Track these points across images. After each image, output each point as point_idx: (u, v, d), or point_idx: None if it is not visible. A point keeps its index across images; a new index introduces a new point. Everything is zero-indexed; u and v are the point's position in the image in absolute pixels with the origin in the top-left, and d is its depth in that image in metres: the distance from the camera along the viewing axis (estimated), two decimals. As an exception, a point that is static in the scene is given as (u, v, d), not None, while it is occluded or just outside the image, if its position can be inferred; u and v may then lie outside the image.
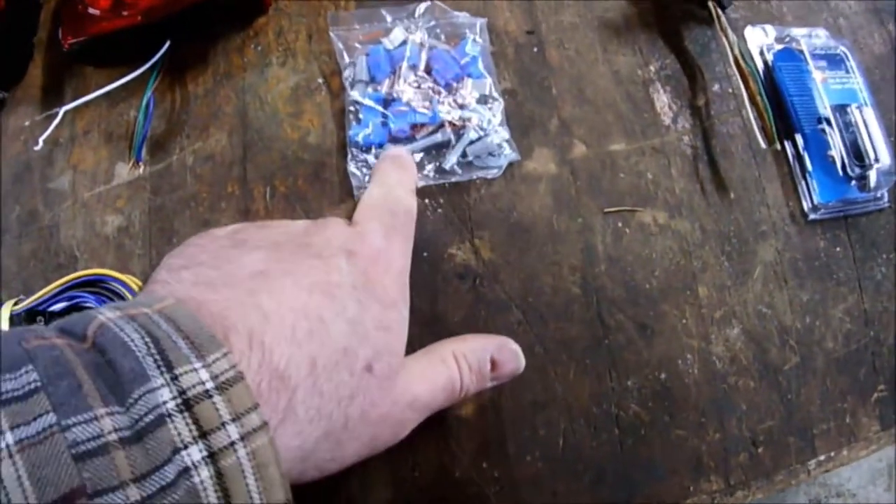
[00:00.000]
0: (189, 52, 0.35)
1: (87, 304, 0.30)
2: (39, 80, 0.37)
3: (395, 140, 0.33)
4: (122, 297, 0.30)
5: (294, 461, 0.17)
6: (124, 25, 0.33)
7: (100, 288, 0.31)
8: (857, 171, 0.36)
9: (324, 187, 0.33)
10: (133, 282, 0.30)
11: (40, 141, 0.33)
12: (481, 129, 0.33)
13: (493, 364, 0.24)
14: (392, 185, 0.25)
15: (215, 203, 0.33)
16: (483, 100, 0.34)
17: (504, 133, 0.33)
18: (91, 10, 0.34)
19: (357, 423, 0.19)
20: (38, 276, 0.33)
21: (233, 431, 0.14)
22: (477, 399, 0.30)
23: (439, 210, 0.32)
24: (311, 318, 0.18)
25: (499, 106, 0.34)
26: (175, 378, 0.14)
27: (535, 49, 0.36)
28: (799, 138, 0.37)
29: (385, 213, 0.24)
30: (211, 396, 0.14)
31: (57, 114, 0.34)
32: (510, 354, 0.24)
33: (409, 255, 0.24)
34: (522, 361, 0.24)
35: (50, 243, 0.34)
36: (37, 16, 0.39)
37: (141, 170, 0.34)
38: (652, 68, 0.37)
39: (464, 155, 0.33)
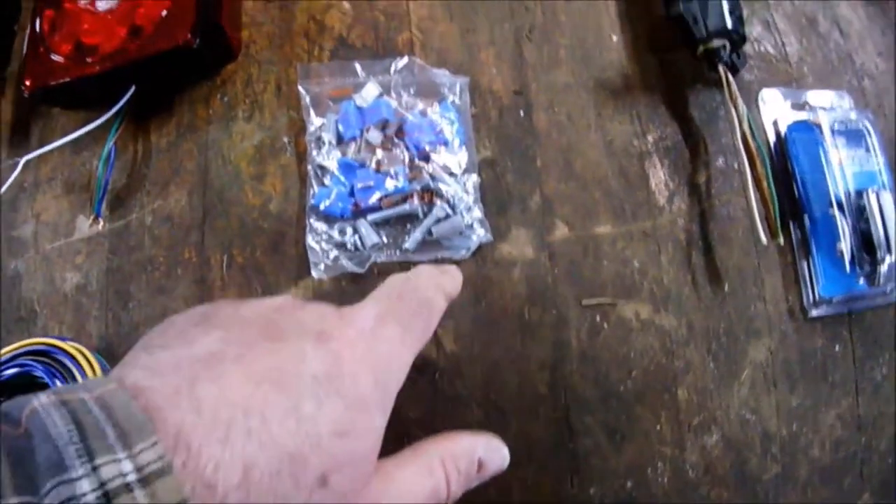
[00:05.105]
0: (154, 100, 0.31)
1: (35, 373, 0.27)
2: (8, 116, 0.33)
3: (359, 209, 0.28)
4: (66, 368, 0.27)
5: None
6: (86, 73, 0.29)
7: (49, 357, 0.27)
8: (867, 266, 0.30)
9: (283, 261, 0.28)
10: (78, 351, 0.27)
11: (-3, 194, 0.29)
12: (451, 206, 0.27)
13: (479, 464, 0.19)
14: (419, 274, 0.19)
15: (172, 269, 0.29)
16: (457, 171, 0.28)
17: (477, 212, 0.28)
18: (53, 57, 0.29)
19: None
20: (-2, 327, 0.29)
21: None
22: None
23: (402, 292, 0.28)
24: (251, 415, 0.15)
25: (474, 179, 0.28)
26: (95, 469, 0.12)
27: (522, 112, 0.30)
28: (806, 220, 0.31)
29: (391, 296, 0.18)
30: (132, 490, 0.12)
31: (18, 163, 0.30)
32: (497, 454, 0.20)
33: (407, 355, 0.18)
34: (507, 459, 0.20)
35: (12, 294, 0.30)
36: (9, 48, 0.34)
37: (100, 226, 0.30)
38: (650, 138, 0.31)
39: (430, 233, 0.28)
